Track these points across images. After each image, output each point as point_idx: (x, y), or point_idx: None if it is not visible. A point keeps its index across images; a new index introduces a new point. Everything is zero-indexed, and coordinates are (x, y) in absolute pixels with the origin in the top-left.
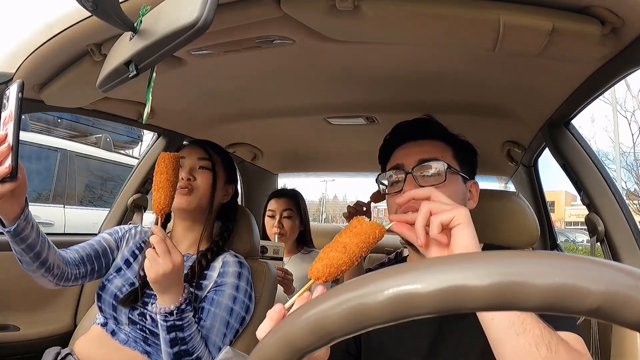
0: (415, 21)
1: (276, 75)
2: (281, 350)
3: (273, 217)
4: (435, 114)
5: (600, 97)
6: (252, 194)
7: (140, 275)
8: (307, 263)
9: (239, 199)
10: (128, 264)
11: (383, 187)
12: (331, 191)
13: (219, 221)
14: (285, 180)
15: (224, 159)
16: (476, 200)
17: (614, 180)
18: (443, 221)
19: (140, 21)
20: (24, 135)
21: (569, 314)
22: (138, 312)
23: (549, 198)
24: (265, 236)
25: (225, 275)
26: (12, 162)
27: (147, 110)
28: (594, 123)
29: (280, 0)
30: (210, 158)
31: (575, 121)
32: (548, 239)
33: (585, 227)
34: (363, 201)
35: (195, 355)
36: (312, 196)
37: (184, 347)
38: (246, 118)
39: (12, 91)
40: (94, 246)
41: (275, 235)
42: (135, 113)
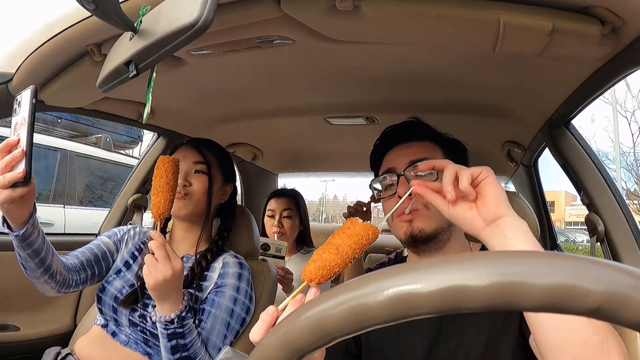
0: (415, 21)
1: (276, 75)
2: (281, 350)
3: (273, 217)
4: (435, 114)
5: (600, 97)
6: (252, 194)
7: (139, 276)
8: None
9: (239, 200)
10: (127, 265)
11: (377, 192)
12: (331, 191)
13: (218, 219)
14: (285, 180)
15: (220, 159)
16: None
17: (614, 180)
18: (473, 173)
19: (140, 21)
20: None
21: (569, 314)
22: (138, 314)
23: (549, 198)
24: (265, 236)
25: (225, 276)
26: (26, 167)
27: (147, 110)
28: (594, 123)
29: (280, 0)
30: (205, 161)
31: (575, 121)
32: (548, 239)
33: (585, 227)
34: (363, 201)
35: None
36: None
37: (185, 354)
38: (246, 118)
39: (25, 97)
40: (93, 250)
41: (275, 234)
42: (135, 113)
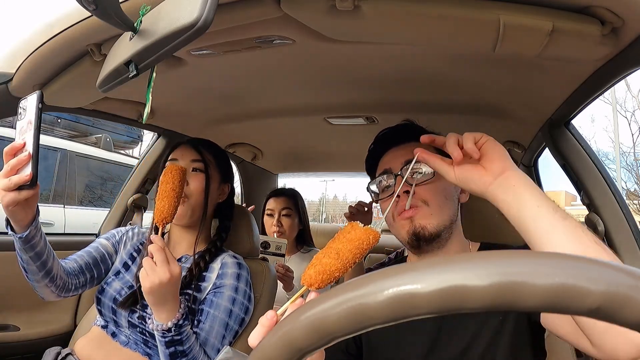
0: (415, 21)
1: (276, 75)
2: (281, 350)
3: (272, 216)
4: (435, 114)
5: (600, 97)
6: (252, 194)
7: (138, 277)
8: (307, 262)
9: (239, 199)
10: (126, 267)
11: (374, 195)
12: (331, 191)
13: (216, 219)
14: (285, 180)
15: (217, 159)
16: (467, 193)
17: (614, 180)
18: (475, 137)
19: (140, 21)
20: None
21: (569, 313)
22: (137, 315)
23: None
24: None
25: (224, 277)
26: (33, 170)
27: (147, 110)
28: (594, 123)
29: (280, 0)
30: (203, 160)
31: (575, 121)
32: None
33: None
34: (364, 201)
35: None
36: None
37: (184, 359)
38: (246, 118)
39: (31, 101)
40: (91, 253)
41: (275, 234)
42: (135, 113)
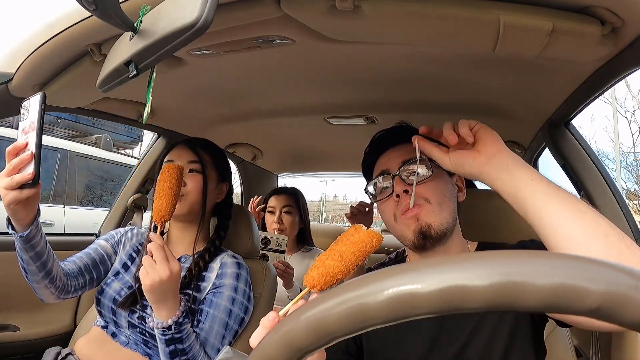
0: (415, 21)
1: (276, 75)
2: (281, 350)
3: (273, 213)
4: (435, 114)
5: (600, 97)
6: (252, 194)
7: (138, 278)
8: (308, 261)
9: (239, 200)
10: (126, 267)
11: (372, 196)
12: (331, 191)
13: (215, 219)
14: (285, 180)
15: (215, 158)
16: (464, 192)
17: (614, 180)
18: (470, 123)
19: (140, 21)
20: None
21: (569, 313)
22: (137, 316)
23: None
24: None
25: (223, 276)
26: (35, 169)
27: (147, 110)
28: (594, 123)
29: (280, 0)
30: (199, 160)
31: (575, 121)
32: None
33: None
34: (365, 202)
35: None
36: (312, 196)
37: (184, 358)
38: (246, 118)
39: (34, 103)
40: (90, 255)
41: (275, 230)
42: (135, 113)
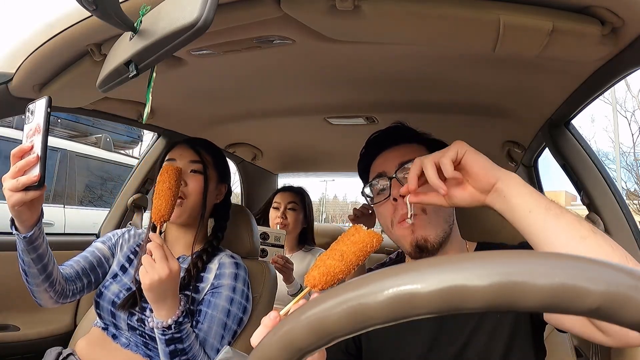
0: (415, 21)
1: (276, 75)
2: (281, 350)
3: (277, 209)
4: (435, 114)
5: (600, 97)
6: (252, 194)
7: (137, 279)
8: (309, 260)
9: (239, 199)
10: (124, 269)
11: (369, 198)
12: (331, 191)
13: (212, 219)
14: (285, 180)
15: (215, 159)
16: None
17: (614, 180)
18: (452, 157)
19: (140, 21)
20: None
21: (569, 313)
22: (136, 318)
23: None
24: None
25: (221, 277)
26: (41, 171)
27: (147, 110)
28: (594, 123)
29: (280, 0)
30: (201, 160)
31: (575, 121)
32: None
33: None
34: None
35: None
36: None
37: (184, 358)
38: (246, 118)
39: (40, 106)
40: (88, 258)
41: (278, 225)
42: (135, 113)
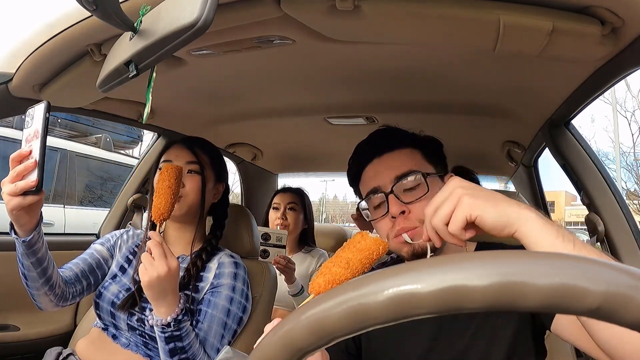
0: (415, 21)
1: (276, 75)
2: (281, 350)
3: (277, 210)
4: (435, 114)
5: (600, 97)
6: (252, 194)
7: (136, 280)
8: (309, 261)
9: (239, 200)
10: (123, 270)
11: (367, 216)
12: (331, 191)
13: (210, 218)
14: (285, 180)
15: (212, 159)
16: None
17: (614, 180)
18: (461, 223)
19: (140, 21)
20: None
21: (569, 313)
22: (136, 318)
23: (549, 198)
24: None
25: (221, 276)
26: (38, 177)
27: (147, 110)
28: (594, 123)
29: (280, 0)
30: (198, 160)
31: (575, 121)
32: None
33: (585, 227)
34: None
35: None
36: (312, 196)
37: (184, 356)
38: (246, 118)
39: (38, 111)
40: (87, 260)
41: (278, 226)
42: (135, 113)
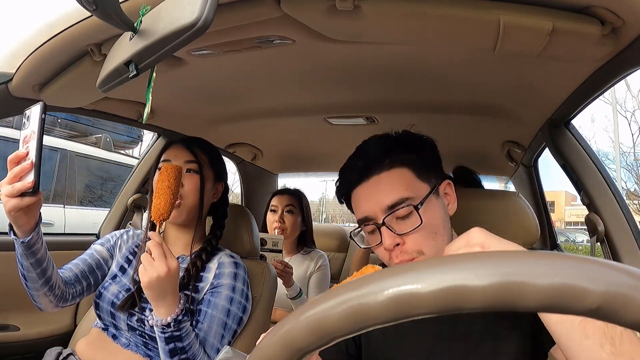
0: (415, 21)
1: (276, 75)
2: (281, 350)
3: (275, 212)
4: (435, 114)
5: (600, 97)
6: (252, 194)
7: (136, 280)
8: (307, 263)
9: (239, 199)
10: (123, 270)
11: (361, 237)
12: (331, 191)
13: (210, 218)
14: (285, 180)
15: (211, 158)
16: (454, 198)
17: (614, 180)
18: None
19: (140, 21)
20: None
21: (569, 314)
22: (136, 318)
23: (549, 198)
24: (265, 232)
25: (221, 276)
26: (35, 178)
27: (147, 110)
28: (594, 123)
29: (280, 0)
30: (197, 160)
31: (575, 121)
32: (548, 239)
33: (585, 227)
34: None
35: None
36: (312, 196)
37: (184, 356)
38: (246, 118)
39: (35, 112)
40: (87, 261)
41: (276, 230)
42: (135, 113)
